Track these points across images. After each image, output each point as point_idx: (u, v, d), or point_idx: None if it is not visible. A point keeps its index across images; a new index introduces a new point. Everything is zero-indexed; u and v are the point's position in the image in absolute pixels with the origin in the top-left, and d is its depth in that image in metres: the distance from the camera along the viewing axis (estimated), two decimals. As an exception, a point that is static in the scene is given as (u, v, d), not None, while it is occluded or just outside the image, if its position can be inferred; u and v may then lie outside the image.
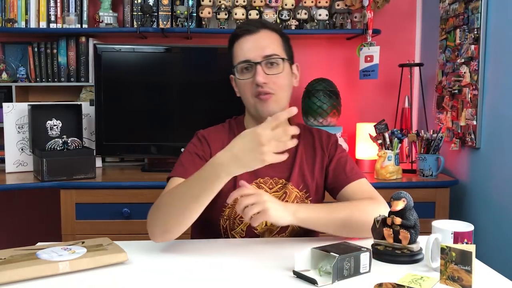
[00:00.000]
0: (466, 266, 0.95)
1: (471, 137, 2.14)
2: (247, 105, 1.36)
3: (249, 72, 1.31)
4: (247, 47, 1.31)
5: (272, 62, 1.31)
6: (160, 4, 2.55)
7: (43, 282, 1.01)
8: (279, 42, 1.35)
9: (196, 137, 1.40)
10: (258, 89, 1.29)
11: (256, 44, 1.31)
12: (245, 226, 1.34)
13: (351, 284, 1.01)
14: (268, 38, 1.33)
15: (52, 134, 2.34)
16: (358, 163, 2.45)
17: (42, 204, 2.74)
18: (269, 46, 1.31)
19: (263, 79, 1.28)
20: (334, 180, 1.40)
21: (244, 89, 1.33)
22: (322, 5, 2.57)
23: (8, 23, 2.51)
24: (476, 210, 2.16)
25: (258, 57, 1.30)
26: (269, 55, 1.30)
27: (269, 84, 1.30)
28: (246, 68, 1.32)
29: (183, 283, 1.03)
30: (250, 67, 1.31)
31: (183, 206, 1.15)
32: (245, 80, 1.32)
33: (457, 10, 2.24)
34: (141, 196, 2.11)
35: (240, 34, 1.34)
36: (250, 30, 1.32)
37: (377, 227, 1.16)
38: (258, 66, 1.29)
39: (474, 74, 2.10)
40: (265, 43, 1.31)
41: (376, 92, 2.79)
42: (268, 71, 1.30)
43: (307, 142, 1.43)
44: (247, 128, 1.37)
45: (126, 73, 2.43)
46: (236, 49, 1.34)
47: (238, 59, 1.33)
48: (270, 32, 1.34)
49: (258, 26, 1.34)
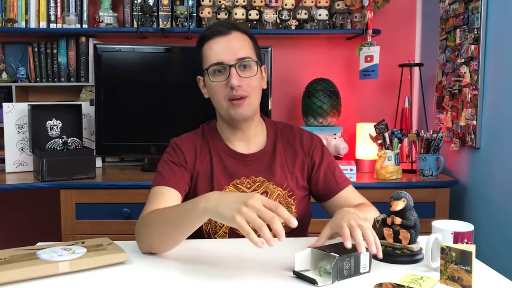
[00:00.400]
0: (466, 266, 0.95)
1: (471, 137, 2.14)
2: (219, 108, 1.34)
3: (222, 74, 1.29)
4: (219, 49, 1.29)
5: (246, 65, 1.30)
6: (160, 4, 2.55)
7: (43, 282, 1.01)
8: (250, 44, 1.34)
9: (170, 146, 1.40)
10: (232, 92, 1.28)
11: (228, 46, 1.29)
12: (227, 229, 1.34)
13: (351, 284, 1.01)
14: (240, 40, 1.31)
15: (52, 134, 2.34)
16: (358, 163, 2.45)
17: (42, 204, 2.74)
18: (242, 48, 1.30)
19: (237, 82, 1.27)
20: (325, 187, 1.40)
21: (217, 91, 1.31)
22: (322, 5, 2.57)
23: (8, 23, 2.51)
24: (476, 210, 2.16)
25: (231, 60, 1.28)
26: (243, 58, 1.29)
27: (243, 86, 1.29)
28: (218, 70, 1.30)
29: (183, 283, 1.03)
30: (223, 69, 1.29)
31: (165, 230, 1.15)
32: (218, 82, 1.30)
33: (457, 10, 2.24)
34: (141, 196, 2.10)
35: (211, 35, 1.31)
36: (221, 31, 1.31)
37: (377, 227, 1.16)
38: (233, 69, 1.28)
39: (474, 74, 2.10)
40: (237, 45, 1.30)
41: (376, 92, 2.79)
42: (242, 73, 1.29)
43: (286, 141, 1.42)
44: (221, 133, 1.40)
45: (126, 73, 2.43)
46: (206, 51, 1.32)
47: (209, 60, 1.30)
48: (241, 34, 1.33)
49: (229, 27, 1.32)
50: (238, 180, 1.36)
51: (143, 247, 1.20)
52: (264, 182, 1.36)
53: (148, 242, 1.18)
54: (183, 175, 1.34)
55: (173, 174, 1.32)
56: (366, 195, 1.42)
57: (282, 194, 1.36)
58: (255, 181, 1.36)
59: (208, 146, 1.39)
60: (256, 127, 1.40)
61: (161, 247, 1.18)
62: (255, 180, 1.36)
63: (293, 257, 1.05)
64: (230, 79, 1.27)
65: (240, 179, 1.36)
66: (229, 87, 1.28)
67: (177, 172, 1.33)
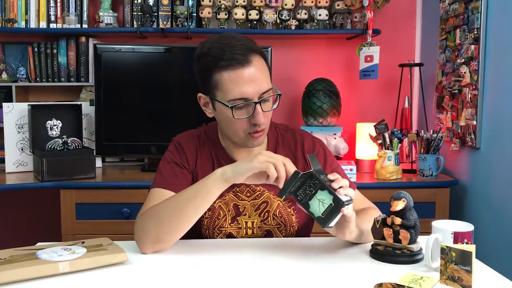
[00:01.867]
0: (466, 266, 0.95)
1: (471, 137, 2.14)
2: (232, 135, 1.29)
3: (244, 110, 1.22)
4: (243, 83, 1.20)
5: (268, 99, 1.25)
6: (160, 4, 2.55)
7: (43, 282, 1.01)
8: (266, 68, 1.26)
9: (173, 145, 1.37)
10: (255, 128, 1.24)
11: (252, 79, 1.20)
12: (225, 236, 1.34)
13: (351, 284, 1.01)
14: (261, 70, 1.23)
15: (52, 134, 2.34)
16: (358, 163, 2.45)
17: (42, 204, 2.74)
18: (264, 79, 1.23)
19: (263, 120, 1.23)
20: None
21: (236, 125, 1.24)
22: (322, 5, 2.57)
23: (8, 23, 2.51)
24: (476, 210, 2.16)
25: (255, 95, 1.21)
26: (265, 91, 1.23)
27: (264, 120, 1.24)
28: (241, 105, 1.22)
29: (183, 283, 1.03)
30: (246, 105, 1.22)
31: (178, 210, 1.15)
32: (241, 118, 1.23)
33: (457, 10, 2.24)
34: (141, 196, 2.08)
35: (230, 65, 1.20)
36: (242, 62, 1.20)
37: (377, 227, 1.16)
38: (258, 106, 1.21)
39: (474, 74, 2.10)
40: (260, 77, 1.22)
41: (376, 92, 2.79)
42: (264, 107, 1.24)
43: (287, 147, 1.39)
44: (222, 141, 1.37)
45: (126, 73, 2.43)
46: (225, 81, 1.21)
47: (231, 94, 1.20)
48: (259, 59, 1.24)
49: (247, 53, 1.21)
50: (238, 188, 1.33)
51: (147, 242, 1.18)
52: (264, 192, 1.34)
53: (155, 233, 1.17)
54: (185, 177, 1.32)
55: (175, 177, 1.30)
56: (366, 195, 1.42)
57: (282, 204, 1.34)
58: (255, 190, 1.34)
59: (209, 150, 1.36)
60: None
61: (171, 234, 1.17)
62: (255, 189, 1.34)
63: (292, 256, 1.05)
64: (256, 117, 1.22)
65: (240, 187, 1.33)
66: (251, 122, 1.23)
67: (179, 173, 1.31)
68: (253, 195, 1.34)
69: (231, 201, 1.32)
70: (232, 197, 1.33)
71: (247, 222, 1.33)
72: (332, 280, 1.04)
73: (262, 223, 1.34)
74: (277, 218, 1.33)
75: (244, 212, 1.33)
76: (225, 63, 1.20)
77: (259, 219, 1.33)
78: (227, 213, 1.32)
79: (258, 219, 1.33)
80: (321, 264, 1.12)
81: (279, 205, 1.34)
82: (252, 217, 1.33)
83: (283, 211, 1.34)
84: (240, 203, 1.33)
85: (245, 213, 1.33)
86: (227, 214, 1.32)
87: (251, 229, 1.34)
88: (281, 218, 1.33)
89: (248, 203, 1.33)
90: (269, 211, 1.33)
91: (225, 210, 1.32)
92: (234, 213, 1.33)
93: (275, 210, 1.33)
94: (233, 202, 1.32)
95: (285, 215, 1.34)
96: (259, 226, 1.34)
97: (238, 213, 1.33)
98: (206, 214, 1.31)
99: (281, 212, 1.33)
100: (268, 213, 1.33)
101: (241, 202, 1.33)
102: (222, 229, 1.33)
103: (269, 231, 1.35)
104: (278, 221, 1.34)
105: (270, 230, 1.35)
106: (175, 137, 1.39)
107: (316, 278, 1.04)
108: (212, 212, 1.32)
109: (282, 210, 1.34)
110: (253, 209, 1.33)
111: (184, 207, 1.16)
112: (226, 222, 1.33)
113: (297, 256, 1.18)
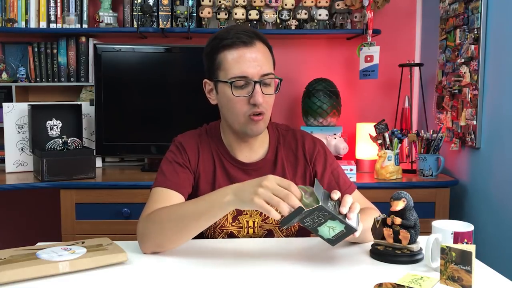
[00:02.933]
0: (466, 266, 0.95)
1: (471, 137, 2.14)
2: (233, 121, 1.29)
3: (244, 89, 1.24)
4: (245, 61, 1.23)
5: (269, 83, 1.27)
6: (160, 4, 2.55)
7: (43, 282, 1.01)
8: (271, 57, 1.30)
9: (174, 145, 1.37)
10: (254, 109, 1.24)
11: (254, 59, 1.24)
12: (226, 235, 1.34)
13: (351, 284, 1.01)
14: (264, 54, 1.26)
15: (52, 134, 2.34)
16: (358, 163, 2.45)
17: (42, 204, 2.74)
18: (266, 63, 1.26)
19: (262, 100, 1.24)
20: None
21: (237, 105, 1.25)
22: (322, 5, 2.57)
23: (8, 23, 2.51)
24: (476, 210, 2.16)
25: (256, 75, 1.23)
26: (266, 74, 1.25)
27: (264, 103, 1.25)
28: (241, 84, 1.24)
29: (183, 283, 1.03)
30: (247, 84, 1.24)
31: (183, 225, 1.16)
32: (241, 97, 1.24)
33: (457, 10, 2.24)
34: (141, 196, 2.11)
35: (233, 44, 1.24)
36: (246, 42, 1.24)
37: (377, 227, 1.16)
38: (257, 86, 1.23)
39: (474, 74, 2.10)
40: (262, 60, 1.25)
41: (376, 92, 2.79)
42: (265, 90, 1.25)
43: (288, 148, 1.39)
44: (223, 138, 1.37)
45: (126, 73, 2.42)
46: (228, 60, 1.24)
47: (232, 72, 1.24)
48: (263, 46, 1.28)
49: (252, 36, 1.25)
50: None
51: (148, 245, 1.19)
52: None
53: (158, 239, 1.18)
54: (187, 177, 1.32)
55: (177, 176, 1.30)
56: (366, 195, 1.42)
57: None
58: None
59: (210, 150, 1.36)
60: (261, 138, 1.38)
61: (172, 243, 1.18)
62: None
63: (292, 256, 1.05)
64: (255, 96, 1.23)
65: None
66: (251, 103, 1.24)
67: (181, 173, 1.31)
68: None
69: None
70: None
71: (248, 221, 1.34)
72: (332, 280, 1.04)
73: (263, 222, 1.34)
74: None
75: (245, 211, 1.33)
76: (229, 41, 1.24)
77: (260, 218, 1.34)
78: (228, 212, 1.32)
79: (259, 218, 1.34)
80: (321, 264, 1.12)
81: None
82: (253, 216, 1.34)
83: None
84: None
85: (246, 212, 1.33)
86: (228, 213, 1.32)
87: (252, 228, 1.34)
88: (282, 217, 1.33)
89: None
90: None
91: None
92: (235, 212, 1.33)
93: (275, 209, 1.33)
94: None
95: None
96: (260, 225, 1.34)
97: (239, 212, 1.33)
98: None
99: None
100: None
101: None
102: (223, 228, 1.33)
103: (270, 230, 1.35)
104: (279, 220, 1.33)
105: (271, 229, 1.35)
106: (177, 137, 1.39)
107: (316, 278, 1.04)
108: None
109: None
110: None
111: (188, 222, 1.15)
112: (227, 222, 1.33)
113: (297, 256, 1.18)
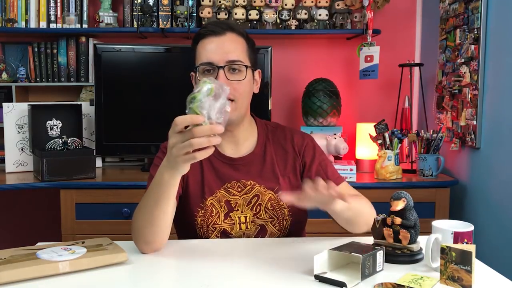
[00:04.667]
0: (466, 266, 0.95)
1: (471, 137, 2.14)
2: None
3: (211, 75, 1.28)
4: (211, 48, 1.29)
5: (235, 68, 1.29)
6: (160, 4, 2.55)
7: (43, 282, 1.01)
8: (244, 47, 1.33)
9: (160, 150, 1.38)
10: None
11: (220, 46, 1.28)
12: (219, 232, 1.34)
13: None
14: (233, 42, 1.30)
15: (52, 134, 2.34)
16: (358, 163, 2.45)
17: (42, 204, 2.74)
18: (234, 51, 1.29)
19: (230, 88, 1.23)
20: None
21: None
22: (322, 5, 2.57)
23: (8, 23, 2.51)
24: (476, 210, 2.16)
25: (221, 61, 1.27)
26: (233, 61, 1.28)
27: (232, 90, 1.25)
28: (207, 70, 1.29)
29: (183, 283, 1.03)
30: (213, 70, 1.28)
31: (149, 214, 1.17)
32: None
33: (457, 10, 2.24)
34: (141, 196, 2.10)
35: (205, 34, 1.31)
36: (216, 31, 1.30)
37: (377, 227, 1.16)
38: (221, 71, 1.27)
39: (474, 74, 2.10)
40: (230, 47, 1.29)
41: (376, 92, 2.79)
42: (230, 76, 1.28)
43: (277, 142, 1.42)
44: None
45: (126, 73, 2.43)
46: (199, 49, 1.31)
47: (200, 59, 1.30)
48: (236, 35, 1.32)
49: (225, 28, 1.31)
50: (229, 184, 1.35)
51: (140, 245, 1.21)
52: (255, 185, 1.35)
53: (142, 237, 1.19)
54: None
55: None
56: (366, 195, 1.42)
57: (274, 197, 1.36)
58: (246, 184, 1.35)
59: None
60: (246, 130, 1.39)
61: (154, 235, 1.18)
62: (245, 183, 1.35)
63: (291, 256, 1.04)
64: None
65: (231, 183, 1.35)
66: None
67: None
68: (243, 189, 1.35)
69: (223, 198, 1.34)
70: (224, 193, 1.35)
71: (240, 217, 1.35)
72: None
73: (254, 217, 1.35)
74: (269, 211, 1.35)
75: (236, 207, 1.34)
76: (203, 32, 1.32)
77: (252, 213, 1.35)
78: (219, 209, 1.34)
79: (251, 213, 1.35)
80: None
81: (270, 198, 1.36)
82: (245, 211, 1.35)
83: (275, 204, 1.35)
84: (232, 198, 1.34)
85: (237, 208, 1.34)
86: (219, 210, 1.33)
87: (245, 224, 1.35)
88: (273, 211, 1.35)
89: (240, 198, 1.35)
90: (260, 204, 1.35)
91: (218, 207, 1.34)
92: (226, 209, 1.34)
93: (266, 203, 1.35)
94: (225, 198, 1.34)
95: (277, 208, 1.35)
96: (252, 220, 1.35)
97: (231, 209, 1.34)
98: (199, 213, 1.34)
99: (273, 204, 1.35)
100: (260, 206, 1.35)
101: (233, 198, 1.34)
102: (216, 226, 1.34)
103: (263, 225, 1.36)
104: (270, 214, 1.35)
105: (263, 224, 1.36)
106: (163, 143, 1.40)
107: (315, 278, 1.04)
108: (205, 210, 1.33)
109: (274, 203, 1.35)
110: (245, 203, 1.35)
111: (152, 211, 1.16)
112: (219, 219, 1.34)
113: (296, 256, 1.18)
